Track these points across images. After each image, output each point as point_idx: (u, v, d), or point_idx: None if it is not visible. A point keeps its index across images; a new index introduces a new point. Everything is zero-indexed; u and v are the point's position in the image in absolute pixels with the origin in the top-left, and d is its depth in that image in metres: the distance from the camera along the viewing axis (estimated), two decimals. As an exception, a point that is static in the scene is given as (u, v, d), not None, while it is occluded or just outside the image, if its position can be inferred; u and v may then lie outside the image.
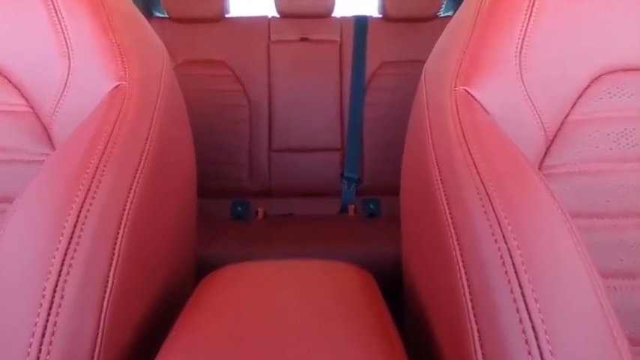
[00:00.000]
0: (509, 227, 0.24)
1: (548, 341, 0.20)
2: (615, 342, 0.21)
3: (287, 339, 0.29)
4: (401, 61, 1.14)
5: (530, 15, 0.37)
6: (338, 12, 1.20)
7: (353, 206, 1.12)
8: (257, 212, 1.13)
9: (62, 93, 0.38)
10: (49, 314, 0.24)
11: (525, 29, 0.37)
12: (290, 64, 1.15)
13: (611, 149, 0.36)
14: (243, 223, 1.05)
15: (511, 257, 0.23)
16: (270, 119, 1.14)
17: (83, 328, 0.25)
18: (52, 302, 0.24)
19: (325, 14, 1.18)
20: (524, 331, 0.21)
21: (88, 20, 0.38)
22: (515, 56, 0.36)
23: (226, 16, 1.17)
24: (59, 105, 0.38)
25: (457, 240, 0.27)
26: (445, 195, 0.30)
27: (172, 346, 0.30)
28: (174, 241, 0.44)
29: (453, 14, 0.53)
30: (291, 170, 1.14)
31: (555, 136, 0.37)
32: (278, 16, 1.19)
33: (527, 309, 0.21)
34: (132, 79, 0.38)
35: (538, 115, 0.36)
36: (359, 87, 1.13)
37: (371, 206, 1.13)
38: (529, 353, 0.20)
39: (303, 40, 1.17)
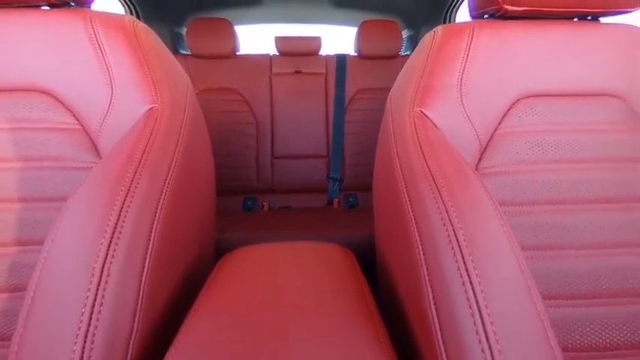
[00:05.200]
0: (455, 214, 0.25)
1: (484, 298, 0.21)
2: (532, 298, 0.22)
3: (289, 310, 0.28)
4: (372, 88, 1.15)
5: (467, 56, 0.38)
6: (324, 51, 1.21)
7: (337, 200, 1.12)
8: (263, 205, 1.12)
9: (106, 114, 0.36)
10: (97, 288, 0.23)
11: (464, 66, 0.37)
12: (287, 90, 1.15)
13: (527, 154, 0.37)
14: (252, 214, 1.04)
15: (456, 236, 0.24)
16: (272, 133, 1.14)
17: (126, 297, 0.25)
18: (100, 279, 0.23)
19: (314, 53, 1.18)
20: (466, 291, 0.22)
21: (127, 56, 0.37)
22: (457, 85, 0.37)
23: (237, 53, 1.16)
24: (104, 123, 0.37)
25: (416, 224, 0.27)
26: (406, 190, 0.30)
27: (197, 313, 0.29)
28: (199, 229, 0.43)
29: (411, 53, 0.54)
30: (289, 172, 1.14)
31: (487, 145, 0.37)
32: (277, 54, 1.19)
33: (468, 274, 0.22)
34: (163, 102, 0.37)
35: (474, 129, 0.37)
36: (340, 108, 1.14)
37: (351, 200, 1.13)
38: (469, 307, 0.21)
39: (297, 72, 1.17)
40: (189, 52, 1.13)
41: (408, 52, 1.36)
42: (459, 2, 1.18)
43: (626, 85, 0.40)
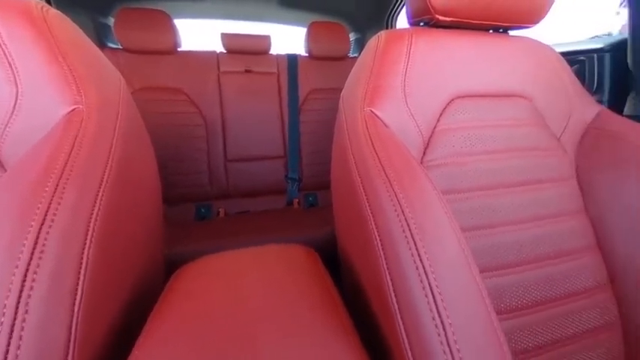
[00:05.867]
0: (406, 205, 0.26)
1: (434, 278, 0.23)
2: (472, 273, 0.24)
3: (254, 315, 0.27)
4: (325, 88, 1.15)
5: (408, 59, 0.41)
6: (274, 50, 1.19)
7: (297, 200, 1.10)
8: (218, 212, 1.04)
9: (10, 116, 0.29)
10: (12, 328, 0.18)
11: (406, 68, 0.40)
12: (238, 90, 1.08)
13: (461, 148, 0.41)
14: (207, 223, 0.96)
15: (408, 225, 0.25)
16: (224, 135, 1.06)
17: (54, 332, 0.20)
18: (14, 317, 0.19)
19: (264, 52, 1.13)
20: (419, 274, 0.23)
21: (34, 47, 0.30)
22: (401, 87, 0.39)
23: (178, 49, 1.07)
24: (8, 128, 0.29)
25: (372, 217, 0.28)
26: (362, 185, 0.31)
27: (149, 335, 0.25)
28: (143, 245, 0.38)
29: (359, 55, 0.57)
30: (245, 175, 1.08)
31: (429, 140, 0.40)
32: (224, 51, 1.12)
33: (420, 259, 0.24)
34: (89, 103, 0.31)
35: (418, 127, 0.39)
36: (294, 109, 1.12)
37: (310, 199, 1.12)
38: (423, 289, 0.23)
39: (247, 71, 1.11)
40: (119, 46, 1.00)
41: (356, 55, 1.42)
42: (398, 9, 1.27)
43: (531, 87, 0.45)
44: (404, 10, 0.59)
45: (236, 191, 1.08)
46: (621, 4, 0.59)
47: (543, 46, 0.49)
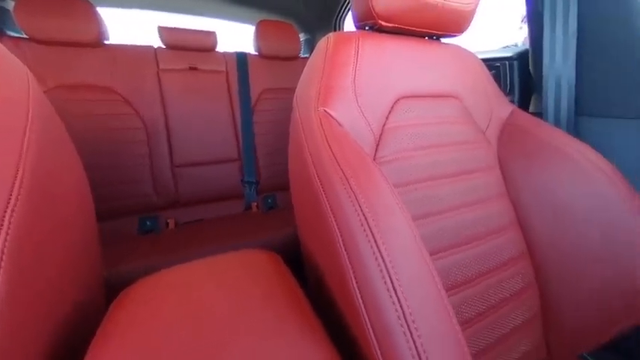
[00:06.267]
0: (363, 200, 0.27)
1: (392, 266, 0.25)
2: (424, 257, 0.26)
3: (218, 324, 0.26)
4: (277, 88, 1.12)
5: (357, 61, 0.43)
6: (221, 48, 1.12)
7: (255, 203, 1.06)
8: (167, 223, 0.94)
9: None
10: None
11: (355, 70, 0.42)
12: (181, 89, 0.98)
13: (408, 144, 0.44)
14: (154, 236, 0.85)
15: (366, 219, 0.26)
16: (168, 138, 0.95)
17: None
18: None
19: (209, 49, 1.05)
20: (378, 263, 0.25)
21: None
22: (352, 87, 0.41)
23: (106, 42, 0.93)
24: None
25: (332, 213, 0.29)
26: (320, 183, 0.32)
27: None
28: (74, 269, 0.32)
29: (309, 56, 0.57)
30: (197, 181, 0.99)
31: (380, 138, 0.42)
32: (164, 47, 1.01)
33: (378, 248, 0.25)
34: None
35: (369, 125, 0.41)
36: (247, 109, 1.06)
37: (269, 201, 1.08)
38: (382, 277, 0.24)
39: (192, 69, 1.01)
40: (24, 35, 0.84)
41: (307, 55, 1.43)
42: (345, 11, 1.32)
43: (460, 88, 0.50)
44: (350, 13, 0.62)
45: (187, 199, 0.99)
46: (522, 20, 0.71)
47: (468, 53, 0.54)
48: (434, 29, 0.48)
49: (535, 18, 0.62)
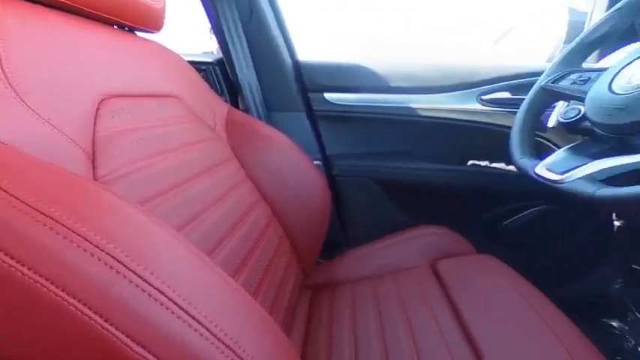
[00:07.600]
0: (98, 237, 0.18)
1: (169, 288, 0.19)
2: (203, 262, 0.23)
3: None
4: None
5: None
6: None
7: None
8: None
9: None
10: None
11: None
12: None
13: (139, 152, 0.36)
14: None
15: (114, 256, 0.18)
16: None
17: None
18: None
19: None
20: (155, 298, 0.19)
21: None
22: (2, 80, 0.27)
23: None
24: None
25: (47, 279, 0.17)
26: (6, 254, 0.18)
27: None
28: None
29: None
30: None
31: (94, 151, 0.32)
32: None
33: (148, 282, 0.19)
34: None
35: (67, 135, 0.29)
36: None
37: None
38: (162, 304, 0.19)
39: None
40: None
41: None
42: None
43: (178, 88, 0.48)
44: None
45: None
46: (210, 30, 0.78)
47: (173, 52, 0.53)
48: (125, 19, 0.42)
49: (218, 32, 0.74)
